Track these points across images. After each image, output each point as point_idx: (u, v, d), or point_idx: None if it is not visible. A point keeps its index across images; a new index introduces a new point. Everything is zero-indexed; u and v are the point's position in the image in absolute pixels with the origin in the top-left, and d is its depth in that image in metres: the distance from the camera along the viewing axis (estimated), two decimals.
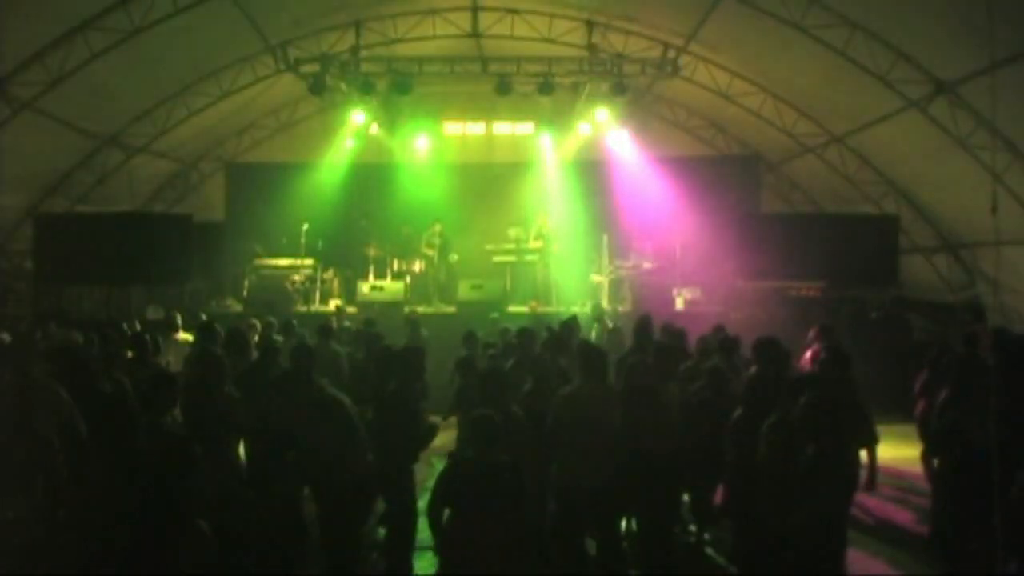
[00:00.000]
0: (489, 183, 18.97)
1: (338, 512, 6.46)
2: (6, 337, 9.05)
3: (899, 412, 10.32)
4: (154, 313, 13.64)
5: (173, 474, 4.54)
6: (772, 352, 7.28)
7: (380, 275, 17.24)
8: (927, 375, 8.64)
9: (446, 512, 5.28)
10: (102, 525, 4.74)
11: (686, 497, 7.85)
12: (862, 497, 7.58)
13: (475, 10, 15.29)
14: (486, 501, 5.07)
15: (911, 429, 8.90)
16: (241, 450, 7.00)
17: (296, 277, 16.35)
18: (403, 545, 7.00)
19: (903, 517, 8.80)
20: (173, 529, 4.30)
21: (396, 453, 6.84)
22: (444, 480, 5.37)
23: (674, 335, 9.42)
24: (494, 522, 5.02)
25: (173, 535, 4.29)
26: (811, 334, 10.06)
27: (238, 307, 15.76)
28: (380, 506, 7.59)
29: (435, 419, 7.68)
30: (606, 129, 17.53)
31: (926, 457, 7.17)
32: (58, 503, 5.38)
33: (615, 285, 16.47)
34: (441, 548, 5.31)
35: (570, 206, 18.38)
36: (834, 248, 14.46)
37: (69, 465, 5.56)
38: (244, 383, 7.40)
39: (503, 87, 15.23)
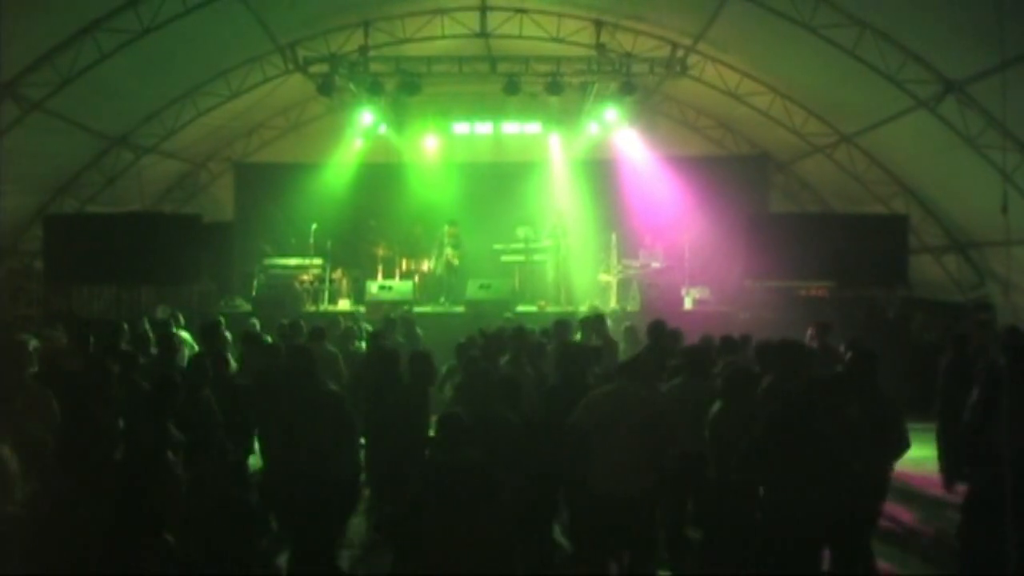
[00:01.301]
0: (497, 183, 18.94)
1: (319, 512, 6.39)
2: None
3: (909, 413, 10.29)
4: (163, 313, 13.67)
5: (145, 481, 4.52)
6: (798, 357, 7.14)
7: (389, 275, 17.27)
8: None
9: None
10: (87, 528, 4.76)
11: None
12: None
13: (483, 10, 15.29)
14: (455, 501, 5.03)
15: (921, 429, 8.90)
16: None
17: (305, 277, 16.39)
18: None
19: (909, 517, 8.78)
20: (141, 537, 4.28)
21: (404, 454, 6.81)
22: (415, 481, 5.36)
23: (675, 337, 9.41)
24: (463, 522, 4.98)
25: (141, 544, 4.26)
26: (809, 332, 10.02)
27: (247, 307, 15.79)
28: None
29: None
30: (615, 129, 17.47)
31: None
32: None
33: (624, 285, 16.45)
34: (403, 548, 5.25)
35: (579, 206, 18.38)
36: (843, 248, 14.42)
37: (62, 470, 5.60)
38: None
39: (511, 87, 15.22)
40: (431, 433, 7.18)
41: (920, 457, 8.84)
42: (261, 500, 7.60)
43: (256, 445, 8.14)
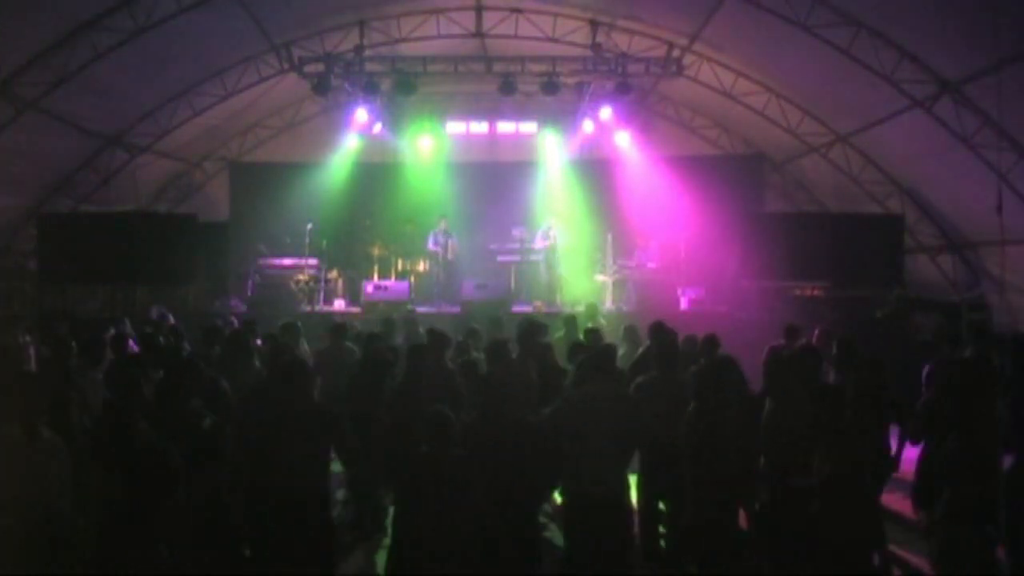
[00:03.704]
0: (493, 182, 18.90)
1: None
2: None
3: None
4: (156, 313, 13.65)
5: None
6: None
7: (384, 275, 17.26)
8: None
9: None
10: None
11: None
12: None
13: (479, 9, 15.28)
14: (436, 495, 5.08)
15: None
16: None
17: (300, 277, 16.31)
18: None
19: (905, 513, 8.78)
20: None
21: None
22: (398, 475, 5.41)
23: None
24: (443, 516, 5.05)
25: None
26: (816, 334, 10.00)
27: (242, 307, 15.76)
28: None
29: None
30: (610, 128, 17.49)
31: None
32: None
33: (619, 285, 16.45)
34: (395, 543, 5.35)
35: (574, 206, 18.37)
36: (839, 248, 14.45)
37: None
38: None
39: (507, 86, 15.24)
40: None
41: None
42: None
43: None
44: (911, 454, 7.58)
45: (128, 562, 4.27)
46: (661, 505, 7.49)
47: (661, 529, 7.53)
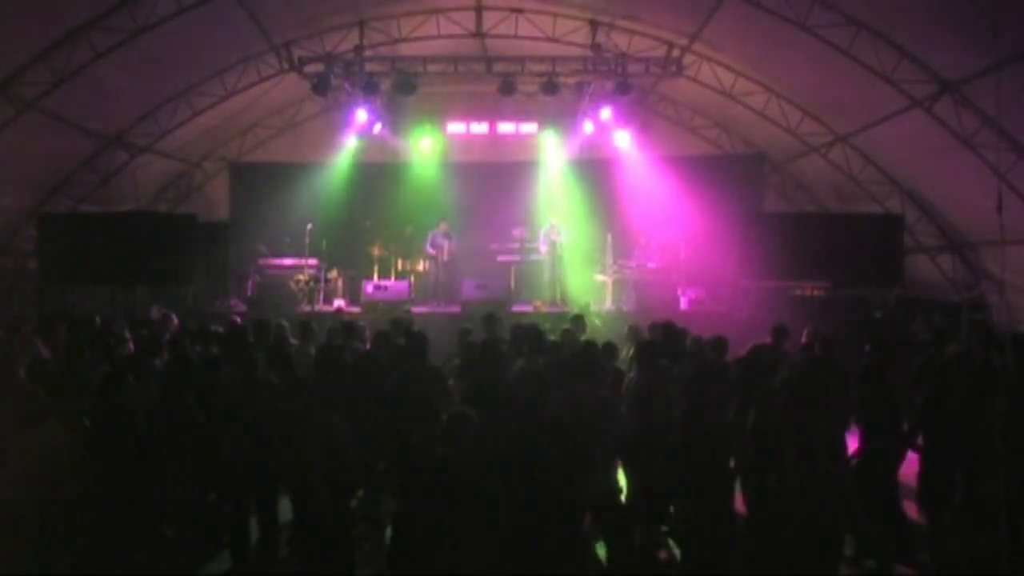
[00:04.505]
0: (493, 182, 18.89)
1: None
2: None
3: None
4: (157, 313, 13.65)
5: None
6: None
7: (384, 275, 17.25)
8: None
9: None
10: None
11: None
12: None
13: (479, 9, 15.28)
14: (443, 497, 5.07)
15: None
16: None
17: (300, 277, 16.30)
18: None
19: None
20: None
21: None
22: (405, 475, 5.41)
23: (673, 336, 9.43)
24: (448, 519, 5.04)
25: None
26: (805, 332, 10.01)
27: (242, 307, 15.75)
28: None
29: None
30: (610, 128, 17.47)
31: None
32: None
33: (619, 285, 16.44)
34: (394, 543, 5.34)
35: (574, 206, 18.34)
36: (839, 248, 14.45)
37: None
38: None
39: (507, 86, 15.24)
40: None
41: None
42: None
43: None
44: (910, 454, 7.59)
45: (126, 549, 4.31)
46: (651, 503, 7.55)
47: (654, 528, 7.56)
